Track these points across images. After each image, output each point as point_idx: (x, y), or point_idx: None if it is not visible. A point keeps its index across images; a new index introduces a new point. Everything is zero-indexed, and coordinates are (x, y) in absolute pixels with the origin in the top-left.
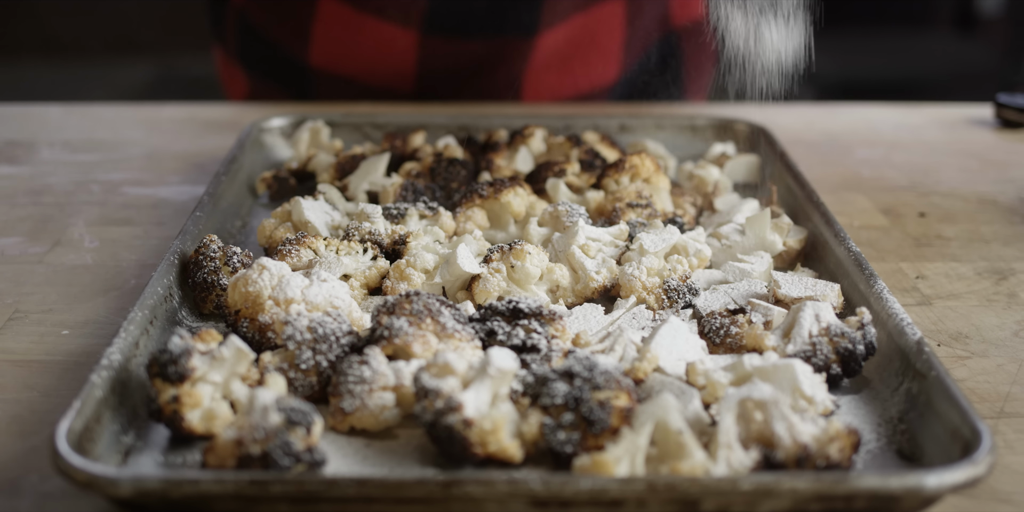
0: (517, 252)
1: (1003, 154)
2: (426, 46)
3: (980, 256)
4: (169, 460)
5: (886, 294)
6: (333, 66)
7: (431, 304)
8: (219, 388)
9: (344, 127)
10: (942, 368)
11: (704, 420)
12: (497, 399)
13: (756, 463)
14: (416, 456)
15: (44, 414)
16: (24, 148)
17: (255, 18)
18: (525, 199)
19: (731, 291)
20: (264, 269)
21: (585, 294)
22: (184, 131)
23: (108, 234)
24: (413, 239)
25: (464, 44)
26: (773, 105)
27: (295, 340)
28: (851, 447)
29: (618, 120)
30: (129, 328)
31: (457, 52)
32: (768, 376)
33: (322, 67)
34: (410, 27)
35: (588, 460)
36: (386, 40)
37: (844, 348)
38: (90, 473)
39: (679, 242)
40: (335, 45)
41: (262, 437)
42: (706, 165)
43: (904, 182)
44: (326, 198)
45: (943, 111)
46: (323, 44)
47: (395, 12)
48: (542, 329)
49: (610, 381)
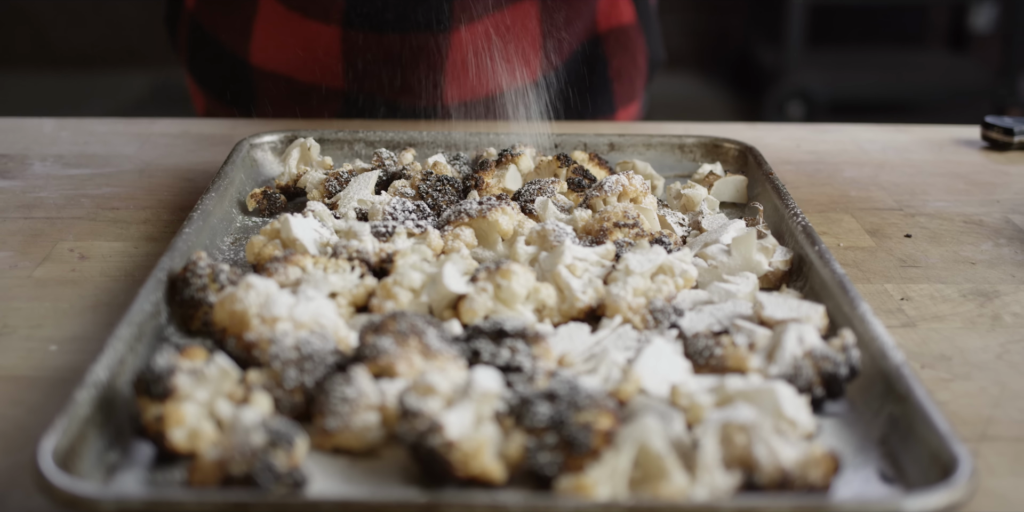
0: (504, 272)
1: (990, 175)
2: (348, 41)
3: (965, 278)
4: (154, 478)
5: (870, 316)
6: (271, 64)
7: (416, 324)
8: (204, 406)
9: (335, 144)
10: (923, 391)
11: (687, 442)
12: (481, 420)
13: (737, 486)
14: (400, 476)
15: (30, 430)
16: (16, 162)
17: (205, 21)
18: (513, 218)
19: (716, 312)
20: (251, 287)
21: (571, 313)
22: (176, 146)
23: (98, 249)
24: (400, 257)
25: (383, 39)
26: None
27: (280, 359)
28: (831, 471)
29: (607, 139)
30: (116, 345)
31: (377, 47)
32: (751, 398)
33: (261, 65)
34: (331, 23)
35: (570, 482)
36: (312, 36)
37: (827, 370)
38: (72, 493)
39: (665, 262)
40: (272, 42)
41: (245, 457)
42: (694, 185)
43: (891, 203)
44: (315, 215)
45: (931, 132)
46: (262, 42)
47: (316, 10)
48: (527, 349)
49: (593, 403)
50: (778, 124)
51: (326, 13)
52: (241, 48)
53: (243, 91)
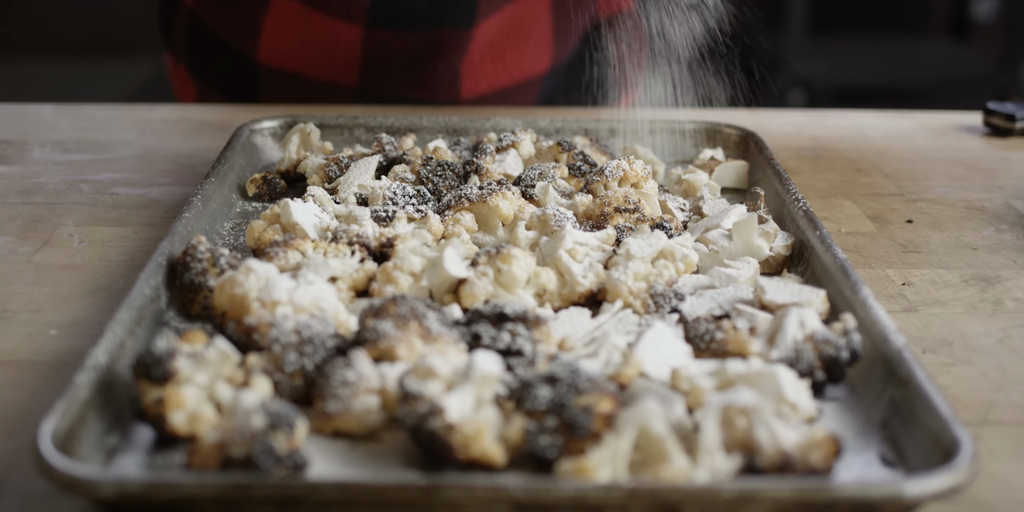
0: (504, 256)
1: (991, 161)
2: (370, 40)
3: (967, 263)
4: (154, 461)
5: (871, 301)
6: (280, 62)
7: (417, 308)
8: (204, 390)
9: (335, 129)
10: (925, 375)
11: (687, 426)
12: (481, 403)
13: (738, 469)
14: (400, 459)
15: (30, 414)
16: (16, 147)
17: (206, 16)
18: (514, 203)
19: (717, 296)
20: (251, 271)
21: (571, 298)
22: (176, 132)
23: (98, 234)
24: (401, 242)
25: (407, 37)
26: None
27: (280, 342)
28: (833, 454)
29: (608, 124)
30: (115, 329)
31: (400, 45)
32: (752, 382)
33: (269, 63)
34: (354, 22)
35: (571, 465)
36: (332, 34)
37: (828, 354)
38: (72, 475)
39: (666, 247)
40: (284, 40)
41: (245, 440)
42: (695, 170)
43: (892, 188)
44: (315, 200)
45: (933, 118)
46: (272, 40)
47: (339, 8)
48: (527, 333)
49: (594, 386)
50: (779, 110)
51: (348, 11)
52: (247, 45)
53: (247, 87)
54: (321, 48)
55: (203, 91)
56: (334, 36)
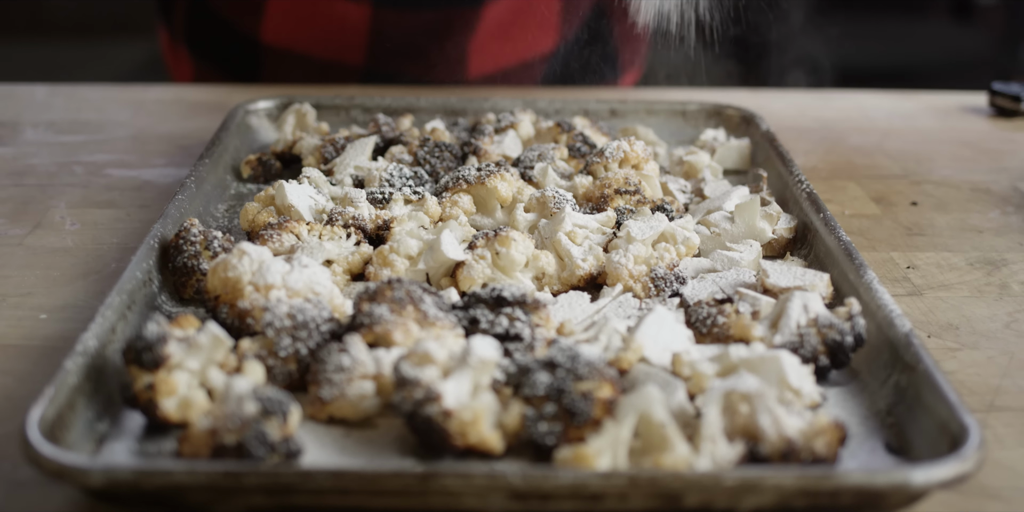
0: (502, 239)
1: (997, 142)
2: (378, 19)
3: (972, 246)
4: (144, 448)
5: (876, 284)
6: (285, 42)
7: (413, 291)
8: (196, 375)
9: (331, 110)
10: (931, 360)
11: (689, 412)
12: (478, 389)
13: (741, 456)
14: (395, 446)
15: (19, 400)
16: (8, 128)
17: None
18: (512, 185)
19: (719, 280)
20: (244, 254)
21: (571, 281)
22: (170, 113)
23: (90, 216)
24: (397, 224)
25: (416, 16)
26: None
27: (274, 327)
28: (837, 441)
29: (608, 105)
30: (106, 313)
31: (409, 24)
32: (754, 367)
33: (273, 43)
34: (361, 2)
35: (570, 452)
36: (339, 14)
37: (832, 339)
38: (60, 463)
39: (667, 230)
40: (287, 21)
41: (237, 427)
42: (696, 151)
43: (897, 170)
44: (311, 182)
45: (937, 99)
46: (276, 20)
47: None
48: (526, 318)
49: (593, 372)
50: (782, 91)
51: None
52: (250, 26)
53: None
54: (327, 28)
55: (201, 70)
56: (341, 15)
